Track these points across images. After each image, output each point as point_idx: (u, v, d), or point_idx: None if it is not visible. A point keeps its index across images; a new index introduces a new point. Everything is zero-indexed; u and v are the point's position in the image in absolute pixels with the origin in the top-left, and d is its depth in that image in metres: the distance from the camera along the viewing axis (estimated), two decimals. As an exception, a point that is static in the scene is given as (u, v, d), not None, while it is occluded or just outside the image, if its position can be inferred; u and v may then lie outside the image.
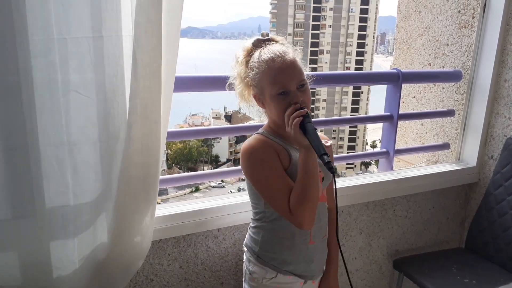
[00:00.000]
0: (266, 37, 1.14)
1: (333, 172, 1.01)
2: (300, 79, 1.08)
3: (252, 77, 1.11)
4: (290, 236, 1.17)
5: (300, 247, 1.19)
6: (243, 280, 1.29)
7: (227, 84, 1.22)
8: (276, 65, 1.06)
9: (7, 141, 0.96)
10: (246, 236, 1.28)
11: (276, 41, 1.15)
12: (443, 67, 2.07)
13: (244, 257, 1.28)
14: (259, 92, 1.12)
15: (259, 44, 1.13)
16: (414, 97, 2.25)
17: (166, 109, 1.13)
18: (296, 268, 1.20)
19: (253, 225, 1.24)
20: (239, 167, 1.60)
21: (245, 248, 1.28)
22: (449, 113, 2.03)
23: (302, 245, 1.19)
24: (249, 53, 1.14)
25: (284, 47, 1.11)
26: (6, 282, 1.06)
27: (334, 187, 1.07)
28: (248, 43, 1.15)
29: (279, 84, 1.06)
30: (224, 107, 48.09)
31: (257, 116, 1.23)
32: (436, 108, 2.13)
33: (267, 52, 1.09)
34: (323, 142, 1.18)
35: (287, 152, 1.13)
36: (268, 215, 1.18)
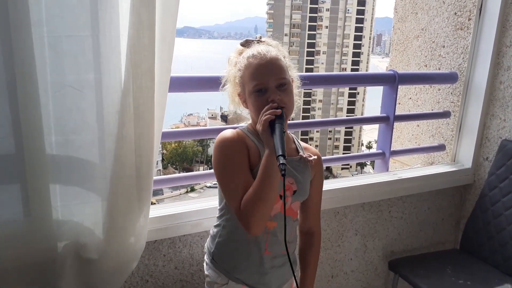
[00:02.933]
0: (258, 39, 1.13)
1: (283, 174, 0.92)
2: (279, 77, 1.04)
3: (235, 74, 1.10)
4: (245, 242, 1.12)
5: (254, 256, 1.13)
6: None
7: (221, 85, 1.19)
8: (255, 61, 1.04)
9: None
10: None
11: (269, 44, 1.12)
12: (439, 69, 2.08)
13: (204, 259, 1.24)
14: (242, 89, 1.09)
15: (246, 44, 1.12)
16: (410, 98, 2.25)
17: (160, 108, 1.13)
18: (249, 277, 1.14)
19: (215, 224, 1.20)
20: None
21: (205, 249, 1.24)
22: (445, 114, 2.03)
23: (257, 254, 1.13)
24: (240, 54, 1.12)
25: (269, 47, 1.08)
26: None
27: (283, 199, 0.98)
28: (239, 44, 1.14)
29: (257, 80, 1.03)
30: (220, 107, 48.08)
31: (247, 118, 1.20)
32: (432, 110, 2.13)
33: (251, 50, 1.08)
34: (306, 155, 1.15)
35: (259, 152, 1.09)
36: (228, 213, 1.14)
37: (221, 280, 1.14)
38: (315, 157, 1.18)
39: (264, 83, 1.03)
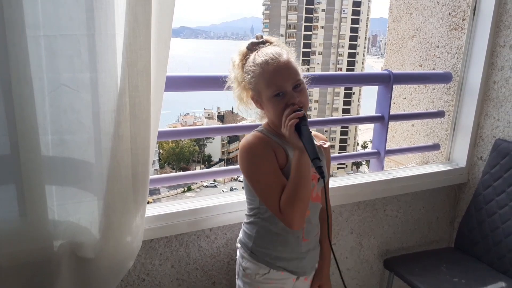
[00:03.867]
0: (260, 40, 1.15)
1: (323, 177, 1.00)
2: (295, 79, 1.08)
3: (248, 81, 1.13)
4: (284, 233, 1.18)
5: (293, 244, 1.20)
6: (236, 277, 1.29)
7: (225, 87, 1.23)
8: (270, 68, 1.07)
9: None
10: (240, 232, 1.29)
11: (271, 42, 1.15)
12: (434, 69, 2.09)
13: (238, 253, 1.28)
14: (256, 94, 1.13)
15: (253, 47, 1.14)
16: (405, 98, 2.27)
17: (156, 108, 1.13)
18: (289, 264, 1.21)
19: (247, 221, 1.25)
20: (231, 167, 1.60)
21: (238, 245, 1.29)
22: (439, 114, 2.05)
23: (295, 242, 1.20)
24: (245, 57, 1.15)
25: (278, 49, 1.11)
26: None
27: (325, 191, 1.09)
28: (243, 47, 1.16)
29: (275, 86, 1.07)
30: (217, 107, 48.01)
31: (257, 118, 1.24)
32: (427, 109, 2.15)
33: (261, 55, 1.10)
34: (320, 143, 1.21)
35: (284, 151, 1.14)
36: (263, 212, 1.19)
37: (263, 270, 1.21)
38: (328, 143, 1.26)
39: (282, 88, 1.07)
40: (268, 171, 1.11)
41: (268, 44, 1.15)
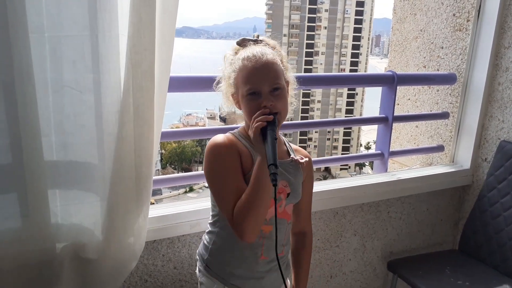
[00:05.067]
0: (255, 38, 1.11)
1: (274, 184, 0.90)
2: (273, 82, 1.02)
3: (229, 75, 1.08)
4: (240, 247, 1.10)
5: (249, 261, 1.11)
6: None
7: (215, 83, 1.17)
8: (249, 64, 1.02)
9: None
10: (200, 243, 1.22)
11: (266, 43, 1.10)
12: (438, 70, 2.08)
13: (197, 266, 1.21)
14: (235, 91, 1.07)
15: (243, 43, 1.09)
16: (409, 99, 2.26)
17: (159, 109, 1.13)
18: (245, 283, 1.12)
19: (207, 230, 1.18)
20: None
21: (197, 256, 1.21)
22: (444, 115, 2.04)
23: (252, 259, 1.11)
24: (235, 52, 1.10)
25: (267, 49, 1.06)
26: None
27: (275, 206, 0.98)
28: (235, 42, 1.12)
29: (250, 83, 1.01)
30: (219, 107, 47.97)
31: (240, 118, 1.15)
32: (431, 111, 2.14)
33: (247, 51, 1.05)
34: (298, 158, 1.14)
35: (251, 156, 1.07)
36: (221, 219, 1.12)
37: (217, 287, 1.13)
38: (306, 159, 1.16)
39: (258, 87, 1.01)
40: (227, 173, 1.04)
41: (262, 43, 1.09)
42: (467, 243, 1.85)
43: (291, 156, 1.15)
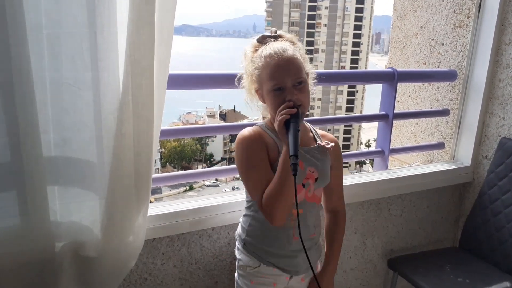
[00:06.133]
0: (273, 34, 1.17)
1: (294, 174, 0.99)
2: (296, 76, 1.08)
3: (252, 72, 1.14)
4: (274, 229, 1.18)
5: (283, 241, 1.20)
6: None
7: (236, 78, 1.26)
8: (272, 61, 1.08)
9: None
10: (238, 225, 1.31)
11: (284, 37, 1.16)
12: (438, 67, 2.07)
13: (236, 245, 1.30)
14: (259, 86, 1.14)
15: (263, 40, 1.16)
16: (409, 96, 2.25)
17: (159, 106, 1.12)
18: (280, 261, 1.21)
19: (244, 214, 1.27)
20: (233, 166, 1.59)
21: (236, 237, 1.31)
22: (444, 112, 2.03)
23: (286, 239, 1.20)
24: (255, 49, 1.16)
25: (286, 44, 1.12)
26: None
27: (295, 190, 1.01)
28: (255, 39, 1.18)
29: (275, 80, 1.08)
30: (219, 105, 48.02)
31: (261, 114, 1.25)
32: (431, 108, 2.13)
33: (267, 48, 1.11)
34: (324, 143, 1.21)
35: (277, 147, 1.15)
36: (255, 204, 1.19)
37: (253, 263, 1.22)
38: (333, 144, 1.23)
39: (282, 82, 1.08)
40: (256, 164, 1.13)
41: (280, 39, 1.16)
42: (468, 241, 1.85)
43: (317, 142, 1.22)
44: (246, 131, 1.16)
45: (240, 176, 1.18)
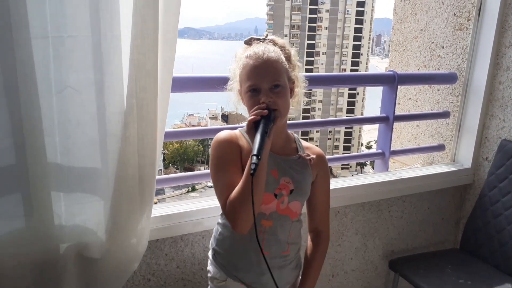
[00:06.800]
0: (264, 37, 1.14)
1: (252, 174, 0.93)
2: (273, 79, 1.04)
3: (234, 72, 1.12)
4: (242, 241, 1.12)
5: (251, 256, 1.12)
6: None
7: (228, 83, 1.20)
8: (251, 62, 1.06)
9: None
10: None
11: (275, 43, 1.13)
12: (439, 69, 2.08)
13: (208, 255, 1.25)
14: (240, 87, 1.11)
15: (250, 41, 1.14)
16: (410, 98, 2.26)
17: (163, 109, 1.13)
18: (246, 276, 1.14)
19: (218, 222, 1.21)
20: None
21: (210, 246, 1.25)
22: (444, 114, 2.04)
23: (253, 254, 1.11)
24: (244, 51, 1.13)
25: (269, 47, 1.08)
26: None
27: (251, 195, 0.96)
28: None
29: (251, 80, 1.05)
30: (221, 107, 48.01)
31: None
32: (432, 110, 2.14)
33: (250, 49, 1.09)
34: (304, 154, 1.15)
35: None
36: None
37: (220, 276, 1.15)
38: (314, 156, 1.17)
39: (257, 84, 1.05)
40: (226, 167, 1.08)
41: (271, 43, 1.12)
42: (468, 242, 1.85)
43: (298, 153, 1.17)
44: (222, 133, 1.12)
45: (211, 178, 1.12)
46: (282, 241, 1.14)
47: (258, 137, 0.97)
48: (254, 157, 0.94)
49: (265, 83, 1.04)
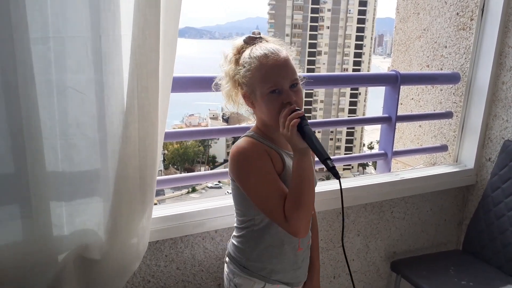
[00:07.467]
0: (258, 35, 1.09)
1: (338, 177, 0.95)
2: (293, 78, 1.03)
3: (242, 75, 1.05)
4: (279, 244, 1.13)
5: (289, 255, 1.15)
6: None
7: (213, 84, 1.16)
8: (269, 62, 1.01)
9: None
10: (229, 246, 1.22)
11: (267, 41, 1.10)
12: (442, 69, 2.07)
13: (226, 269, 1.21)
14: (249, 90, 1.06)
15: (250, 41, 1.08)
16: (412, 98, 2.25)
17: (163, 109, 1.13)
18: (285, 276, 1.16)
19: (237, 234, 1.17)
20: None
21: (227, 259, 1.21)
22: (447, 115, 2.03)
23: (291, 253, 1.15)
24: (239, 51, 1.09)
25: (277, 46, 1.06)
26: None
27: (340, 191, 0.98)
28: (239, 40, 1.10)
29: (272, 82, 1.01)
30: (222, 107, 48.01)
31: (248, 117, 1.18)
32: (434, 110, 2.13)
33: (259, 48, 1.04)
34: None
35: (280, 157, 1.08)
36: (257, 223, 1.12)
37: (257, 285, 1.15)
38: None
39: (279, 84, 1.01)
40: (268, 179, 1.04)
41: (265, 41, 1.09)
42: (471, 243, 1.84)
43: None
44: (244, 145, 1.06)
45: (248, 194, 1.06)
46: (308, 234, 1.19)
47: (314, 141, 0.96)
48: (329, 161, 0.93)
49: (286, 82, 1.02)
